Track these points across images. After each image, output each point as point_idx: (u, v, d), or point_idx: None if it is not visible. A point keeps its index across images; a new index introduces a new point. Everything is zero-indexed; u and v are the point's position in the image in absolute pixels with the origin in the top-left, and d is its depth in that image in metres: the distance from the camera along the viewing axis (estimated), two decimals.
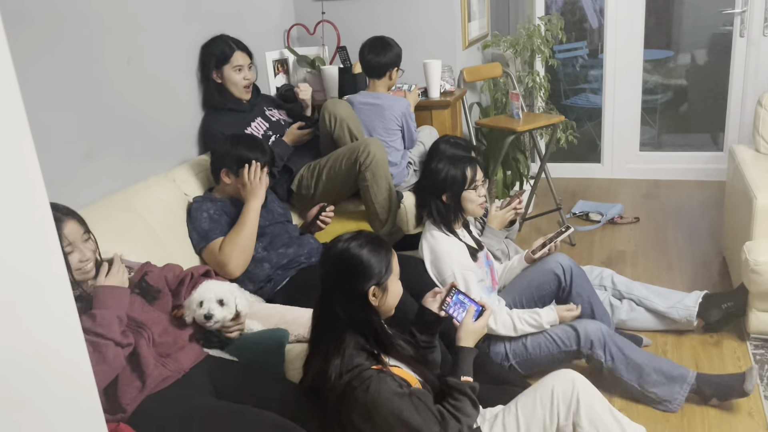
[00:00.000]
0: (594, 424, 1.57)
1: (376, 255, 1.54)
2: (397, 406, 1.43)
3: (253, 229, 2.24)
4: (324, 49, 3.36)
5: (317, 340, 1.58)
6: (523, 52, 3.87)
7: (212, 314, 1.80)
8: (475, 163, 2.31)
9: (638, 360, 2.13)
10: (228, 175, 2.30)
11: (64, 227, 1.66)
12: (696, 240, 3.45)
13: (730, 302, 2.50)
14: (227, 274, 2.18)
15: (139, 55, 2.39)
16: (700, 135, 4.74)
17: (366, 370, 1.46)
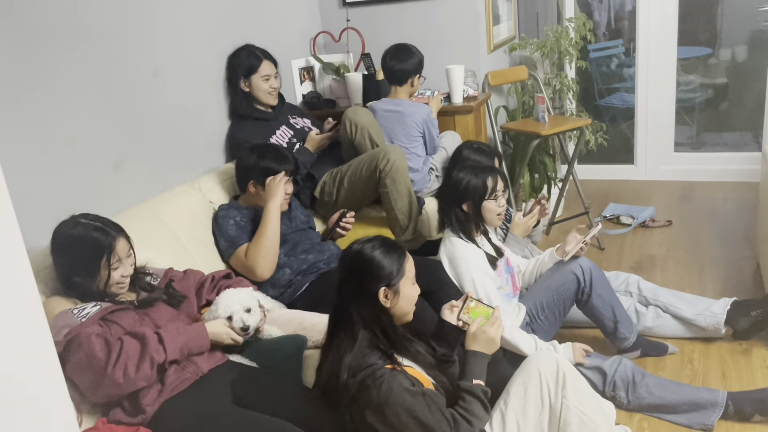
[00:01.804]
0: (578, 397, 1.60)
1: (388, 257, 1.59)
2: (409, 403, 1.47)
3: (275, 230, 2.28)
4: (349, 56, 3.40)
5: (332, 339, 1.62)
6: (550, 55, 3.83)
7: (248, 325, 1.85)
8: (496, 174, 2.33)
9: (665, 396, 2.10)
10: (255, 186, 2.37)
11: (117, 244, 1.75)
12: (730, 244, 3.36)
13: (760, 309, 2.43)
14: (256, 278, 2.24)
15: (166, 66, 2.47)
16: (740, 134, 4.60)
17: (379, 369, 1.50)
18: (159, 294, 1.89)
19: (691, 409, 2.08)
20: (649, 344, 2.44)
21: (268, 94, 2.79)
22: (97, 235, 1.74)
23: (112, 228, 1.78)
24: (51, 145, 2.01)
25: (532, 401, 1.62)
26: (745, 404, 2.05)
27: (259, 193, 2.37)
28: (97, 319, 1.67)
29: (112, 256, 1.74)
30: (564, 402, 1.60)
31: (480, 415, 1.56)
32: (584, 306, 2.35)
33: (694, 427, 2.06)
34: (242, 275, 2.24)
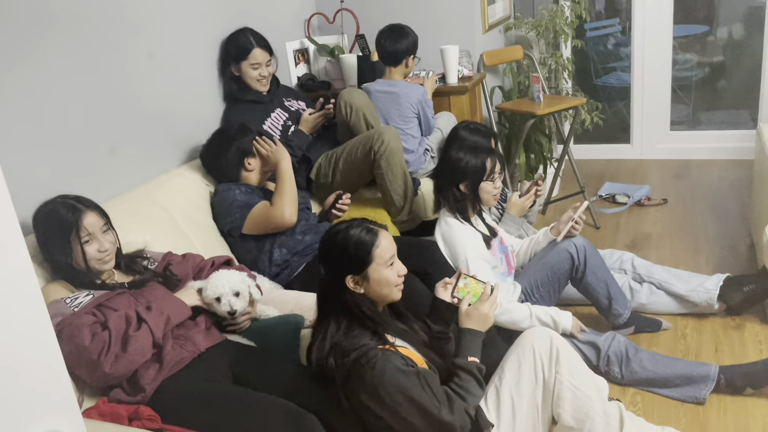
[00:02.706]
0: (571, 372, 1.62)
1: (355, 244, 1.58)
2: (403, 383, 1.48)
3: (293, 183, 2.36)
4: (343, 38, 3.39)
5: (320, 321, 1.64)
6: (546, 34, 3.82)
7: (235, 309, 1.87)
8: (495, 155, 2.34)
9: (657, 370, 2.13)
10: (249, 162, 2.42)
11: (84, 219, 1.76)
12: (725, 222, 3.39)
13: (753, 285, 2.46)
14: (285, 223, 2.30)
15: (161, 49, 2.47)
16: (737, 112, 4.60)
17: (371, 350, 1.51)
18: (151, 275, 1.91)
19: (684, 383, 2.11)
20: (643, 320, 2.47)
21: (257, 81, 2.77)
22: (63, 211, 1.75)
23: (81, 202, 1.79)
24: (45, 130, 2.01)
25: (526, 377, 1.64)
26: (737, 378, 2.08)
27: (256, 163, 2.43)
28: (90, 309, 1.69)
29: (81, 230, 1.74)
30: (557, 377, 1.62)
31: (475, 391, 1.58)
32: (579, 284, 2.37)
33: (686, 400, 2.10)
34: (264, 230, 2.32)
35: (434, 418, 1.50)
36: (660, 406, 2.10)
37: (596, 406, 1.62)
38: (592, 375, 1.70)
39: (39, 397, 0.63)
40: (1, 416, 0.59)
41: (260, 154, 2.43)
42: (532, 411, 1.62)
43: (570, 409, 1.60)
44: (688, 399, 2.10)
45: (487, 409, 1.64)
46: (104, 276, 1.83)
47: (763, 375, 2.06)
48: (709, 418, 2.02)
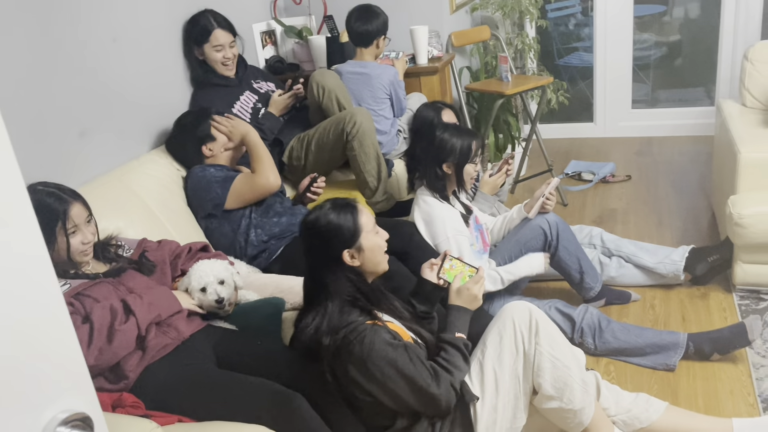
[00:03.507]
0: (550, 343, 1.66)
1: (341, 218, 1.62)
2: (391, 356, 1.52)
3: (267, 150, 2.38)
4: (311, 19, 3.36)
5: (308, 307, 1.65)
6: (511, 14, 3.85)
7: (222, 297, 1.86)
8: (479, 138, 2.37)
9: (629, 340, 2.20)
10: (209, 147, 2.39)
11: (71, 209, 1.72)
12: (686, 195, 3.50)
13: (716, 255, 2.55)
14: (271, 188, 2.32)
15: (125, 32, 2.41)
16: (694, 90, 4.73)
17: (360, 325, 1.54)
18: (126, 262, 1.88)
19: (654, 351, 2.19)
20: (613, 293, 2.55)
21: (221, 64, 2.72)
22: (50, 201, 1.70)
23: (67, 194, 1.74)
24: (10, 116, 1.95)
25: (507, 349, 1.67)
26: (705, 344, 2.17)
27: (216, 146, 2.40)
28: (68, 299, 1.65)
29: (67, 221, 1.70)
30: (537, 348, 1.65)
31: (461, 366, 1.62)
32: (552, 259, 2.43)
33: (657, 367, 2.18)
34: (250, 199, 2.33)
35: (422, 391, 1.53)
36: (632, 375, 2.17)
37: (575, 375, 1.66)
38: (570, 346, 1.74)
39: (55, 377, 0.62)
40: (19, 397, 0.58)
41: (222, 133, 2.40)
42: (513, 382, 1.66)
43: (550, 379, 1.64)
44: (659, 366, 2.18)
45: (471, 383, 1.67)
46: (80, 265, 1.79)
47: (728, 340, 2.15)
48: (679, 383, 2.11)
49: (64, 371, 0.63)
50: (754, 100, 2.86)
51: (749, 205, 2.35)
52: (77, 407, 0.62)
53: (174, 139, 2.47)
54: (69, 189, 1.77)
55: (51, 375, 0.62)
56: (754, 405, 1.97)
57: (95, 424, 0.62)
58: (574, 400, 1.64)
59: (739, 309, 2.44)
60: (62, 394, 0.62)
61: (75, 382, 0.64)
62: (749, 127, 2.64)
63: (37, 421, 0.59)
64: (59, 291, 0.64)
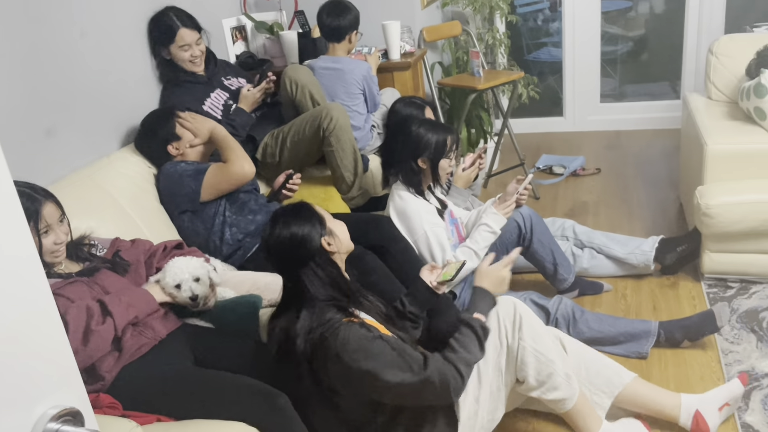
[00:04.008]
0: (533, 337, 1.68)
1: (304, 218, 1.61)
2: (366, 345, 1.49)
3: (236, 141, 2.36)
4: (282, 14, 3.34)
5: (284, 307, 1.64)
6: (482, 9, 3.88)
7: (197, 294, 1.84)
8: (454, 133, 2.38)
9: (602, 329, 2.24)
10: (175, 146, 2.35)
11: (43, 209, 1.68)
12: (655, 187, 3.58)
13: (685, 245, 2.62)
14: (246, 176, 2.30)
15: (93, 28, 2.36)
16: (659, 84, 4.83)
17: (336, 323, 1.52)
18: (100, 262, 1.85)
19: (627, 340, 2.24)
20: (586, 284, 2.60)
21: (189, 63, 2.68)
22: (23, 201, 1.66)
23: (39, 193, 1.71)
24: None
25: (491, 343, 1.69)
26: (676, 331, 2.22)
27: (182, 145, 2.36)
28: None
29: (40, 221, 1.67)
30: (521, 343, 1.67)
31: (471, 348, 1.60)
32: (526, 251, 2.46)
33: (630, 356, 2.23)
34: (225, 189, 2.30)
35: (407, 376, 1.50)
36: None
37: (558, 368, 1.68)
38: (553, 339, 1.76)
39: (45, 373, 0.61)
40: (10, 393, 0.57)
41: (188, 129, 2.37)
42: (496, 375, 1.68)
43: (534, 372, 1.67)
44: (632, 354, 2.23)
45: None
46: (53, 265, 1.76)
47: (698, 327, 2.21)
48: (652, 371, 2.15)
49: (54, 367, 0.62)
50: (719, 93, 2.93)
51: (716, 195, 2.41)
52: (67, 402, 0.61)
53: (140, 139, 2.43)
54: (41, 188, 1.74)
55: (41, 371, 0.61)
56: None
57: (85, 419, 0.62)
58: (557, 392, 1.67)
59: (708, 297, 2.50)
60: (52, 389, 0.61)
61: (65, 377, 0.63)
62: (715, 119, 2.71)
63: (28, 416, 0.58)
64: (48, 288, 0.63)
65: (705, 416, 1.82)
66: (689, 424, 1.84)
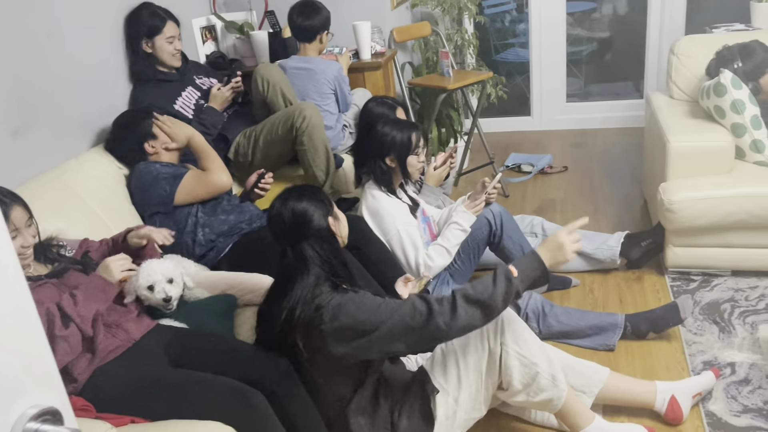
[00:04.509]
0: (516, 341, 1.69)
1: (314, 197, 1.66)
2: (357, 298, 1.54)
3: (213, 150, 2.37)
4: (252, 14, 3.33)
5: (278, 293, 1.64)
6: (450, 10, 3.93)
7: (170, 296, 1.83)
8: (419, 129, 2.41)
9: (571, 323, 2.30)
10: (152, 145, 2.33)
11: (11, 212, 1.65)
12: (619, 184, 3.66)
13: (649, 240, 2.69)
14: (225, 187, 2.33)
15: (61, 27, 2.33)
16: (623, 84, 4.94)
17: (330, 294, 1.56)
18: (69, 263, 1.83)
19: (596, 333, 2.30)
20: (554, 279, 2.65)
21: (172, 56, 2.68)
22: None
23: (6, 196, 1.68)
24: None
25: (472, 346, 1.70)
26: (641, 324, 2.29)
27: (158, 145, 2.34)
28: None
29: (8, 225, 1.64)
30: (503, 347, 1.67)
31: (478, 286, 1.54)
32: (496, 248, 2.50)
33: (599, 348, 2.29)
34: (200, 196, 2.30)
35: (412, 317, 1.51)
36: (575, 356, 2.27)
37: (543, 370, 1.67)
38: (539, 341, 1.74)
39: (24, 373, 0.61)
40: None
41: (165, 132, 2.35)
42: (476, 377, 1.69)
43: (518, 376, 1.67)
44: (600, 347, 2.29)
45: (433, 374, 1.71)
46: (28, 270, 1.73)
47: (663, 319, 2.28)
48: (619, 362, 2.22)
49: (32, 366, 0.62)
50: (681, 92, 3.02)
51: (679, 191, 2.49)
52: (47, 402, 0.61)
53: (114, 138, 2.40)
54: (8, 191, 1.71)
55: (19, 371, 0.61)
56: None
57: (65, 418, 0.62)
58: (543, 393, 1.68)
59: (672, 290, 2.58)
60: (31, 389, 0.61)
61: (44, 376, 0.63)
62: (677, 117, 2.79)
63: (7, 416, 0.58)
64: (26, 286, 0.63)
65: (680, 403, 1.89)
66: (664, 408, 1.90)
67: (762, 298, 2.45)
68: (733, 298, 2.47)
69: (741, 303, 2.44)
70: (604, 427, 1.78)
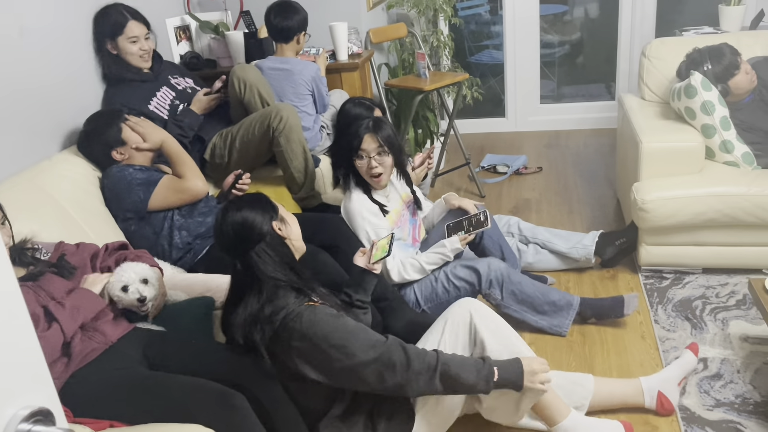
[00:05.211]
0: (495, 336, 1.72)
1: (254, 204, 1.65)
2: (332, 322, 1.52)
3: (188, 155, 2.34)
4: (227, 14, 3.30)
5: (236, 301, 1.64)
6: (426, 12, 3.95)
7: (144, 296, 1.81)
8: (365, 133, 2.28)
9: (532, 294, 2.32)
10: (120, 152, 2.30)
11: None
12: (593, 184, 3.73)
13: (623, 239, 2.74)
14: (201, 194, 2.31)
15: (32, 26, 2.28)
16: (595, 85, 5.02)
17: (298, 307, 1.55)
18: (45, 266, 1.80)
19: (552, 310, 2.34)
20: (531, 278, 2.68)
21: (138, 57, 2.63)
22: None
23: None
24: None
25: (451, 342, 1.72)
26: (587, 308, 2.37)
27: (128, 151, 2.30)
28: None
29: None
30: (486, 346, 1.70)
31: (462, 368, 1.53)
32: (476, 248, 2.52)
33: (551, 330, 2.35)
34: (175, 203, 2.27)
35: (372, 352, 1.50)
36: (552, 352, 2.30)
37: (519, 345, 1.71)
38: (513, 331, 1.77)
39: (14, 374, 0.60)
40: None
41: (137, 133, 2.31)
42: None
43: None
44: (552, 329, 2.35)
45: None
46: None
47: (607, 309, 2.37)
48: (595, 359, 2.25)
49: (23, 367, 0.61)
50: (652, 94, 3.08)
51: (651, 191, 2.54)
52: (38, 402, 0.61)
53: (83, 142, 2.36)
54: None
55: (11, 372, 0.60)
56: None
57: (57, 419, 0.61)
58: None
59: (645, 288, 2.63)
60: (23, 390, 0.60)
61: (35, 377, 0.62)
62: (649, 119, 2.85)
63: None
64: (17, 286, 0.62)
65: (667, 395, 1.93)
66: (654, 405, 1.94)
67: (732, 295, 2.51)
68: (705, 295, 2.53)
69: (712, 300, 2.50)
70: (579, 420, 1.80)
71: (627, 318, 2.43)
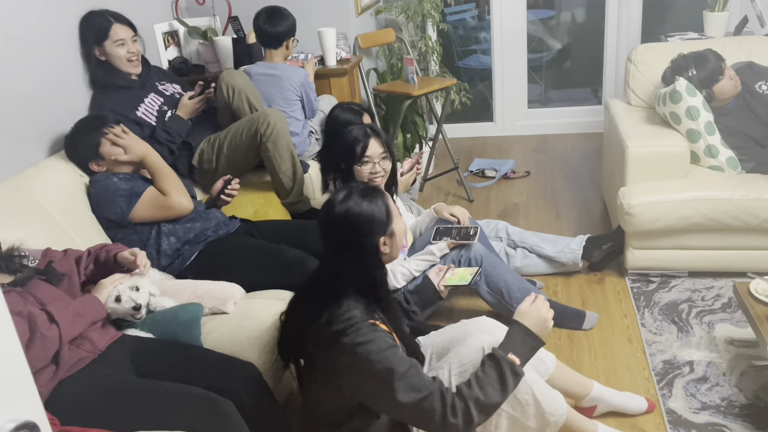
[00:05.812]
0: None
1: (374, 204, 1.51)
2: (385, 351, 1.39)
3: (172, 171, 2.30)
4: (215, 20, 3.30)
5: (314, 296, 1.55)
6: (414, 17, 3.97)
7: (139, 303, 1.80)
8: (368, 139, 2.27)
9: (507, 278, 2.33)
10: (98, 164, 2.27)
11: None
12: (580, 189, 3.75)
13: (610, 243, 2.77)
14: (185, 212, 2.26)
15: (18, 33, 2.27)
16: (582, 90, 5.06)
17: (360, 321, 1.43)
18: (32, 272, 1.79)
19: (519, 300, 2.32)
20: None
21: (127, 61, 2.61)
22: None
23: None
24: None
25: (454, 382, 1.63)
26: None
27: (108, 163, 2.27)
28: None
29: None
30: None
31: (489, 391, 1.41)
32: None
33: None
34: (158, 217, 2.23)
35: (414, 396, 1.39)
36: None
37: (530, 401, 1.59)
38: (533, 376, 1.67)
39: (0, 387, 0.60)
40: None
41: (119, 145, 2.25)
42: None
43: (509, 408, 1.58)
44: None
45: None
46: None
47: (568, 318, 2.44)
48: (582, 362, 2.27)
49: (9, 380, 0.61)
50: (638, 99, 3.11)
51: (638, 195, 2.56)
52: (24, 415, 0.61)
53: (67, 148, 2.33)
54: None
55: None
56: (649, 378, 2.15)
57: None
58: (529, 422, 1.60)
59: (632, 291, 2.65)
60: (8, 403, 0.60)
61: (20, 390, 0.62)
62: (635, 123, 2.87)
63: None
64: (2, 300, 0.62)
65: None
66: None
67: (718, 298, 2.54)
68: (691, 298, 2.56)
69: (698, 303, 2.52)
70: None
71: (614, 322, 2.45)
